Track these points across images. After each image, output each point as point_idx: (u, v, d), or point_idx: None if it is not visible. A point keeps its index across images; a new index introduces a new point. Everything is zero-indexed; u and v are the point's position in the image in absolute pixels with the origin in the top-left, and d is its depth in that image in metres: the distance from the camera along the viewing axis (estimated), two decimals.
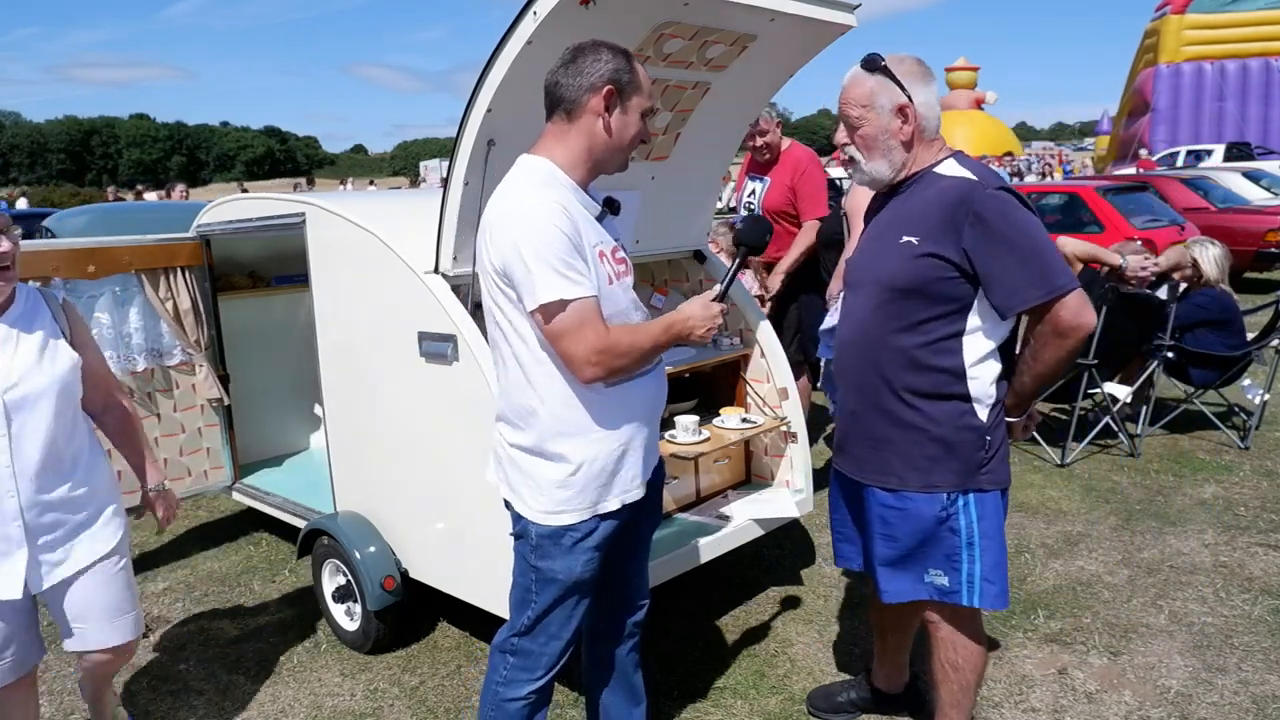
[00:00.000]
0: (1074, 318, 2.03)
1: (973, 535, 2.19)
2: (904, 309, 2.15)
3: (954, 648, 2.32)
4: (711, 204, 3.82)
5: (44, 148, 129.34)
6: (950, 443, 2.15)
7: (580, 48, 2.00)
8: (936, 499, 2.17)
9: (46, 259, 3.80)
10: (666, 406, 3.53)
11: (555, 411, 2.00)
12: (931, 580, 2.23)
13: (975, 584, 2.20)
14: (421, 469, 3.12)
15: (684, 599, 3.64)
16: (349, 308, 3.36)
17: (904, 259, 2.13)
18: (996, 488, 2.21)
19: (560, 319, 1.89)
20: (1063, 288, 2.02)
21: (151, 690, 3.25)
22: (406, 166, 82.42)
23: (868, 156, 2.20)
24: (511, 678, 2.15)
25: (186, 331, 4.17)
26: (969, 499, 2.18)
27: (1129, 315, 5.08)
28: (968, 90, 33.51)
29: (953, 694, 2.35)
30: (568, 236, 1.89)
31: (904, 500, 2.21)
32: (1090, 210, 9.68)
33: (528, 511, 2.06)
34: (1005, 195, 2.07)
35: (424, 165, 33.92)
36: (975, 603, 2.22)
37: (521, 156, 2.05)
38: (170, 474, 4.23)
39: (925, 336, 2.14)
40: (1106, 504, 4.54)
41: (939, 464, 2.16)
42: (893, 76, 2.15)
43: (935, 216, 2.10)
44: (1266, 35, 22.31)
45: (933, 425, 2.15)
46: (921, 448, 2.17)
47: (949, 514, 2.18)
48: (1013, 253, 2.03)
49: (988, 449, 2.17)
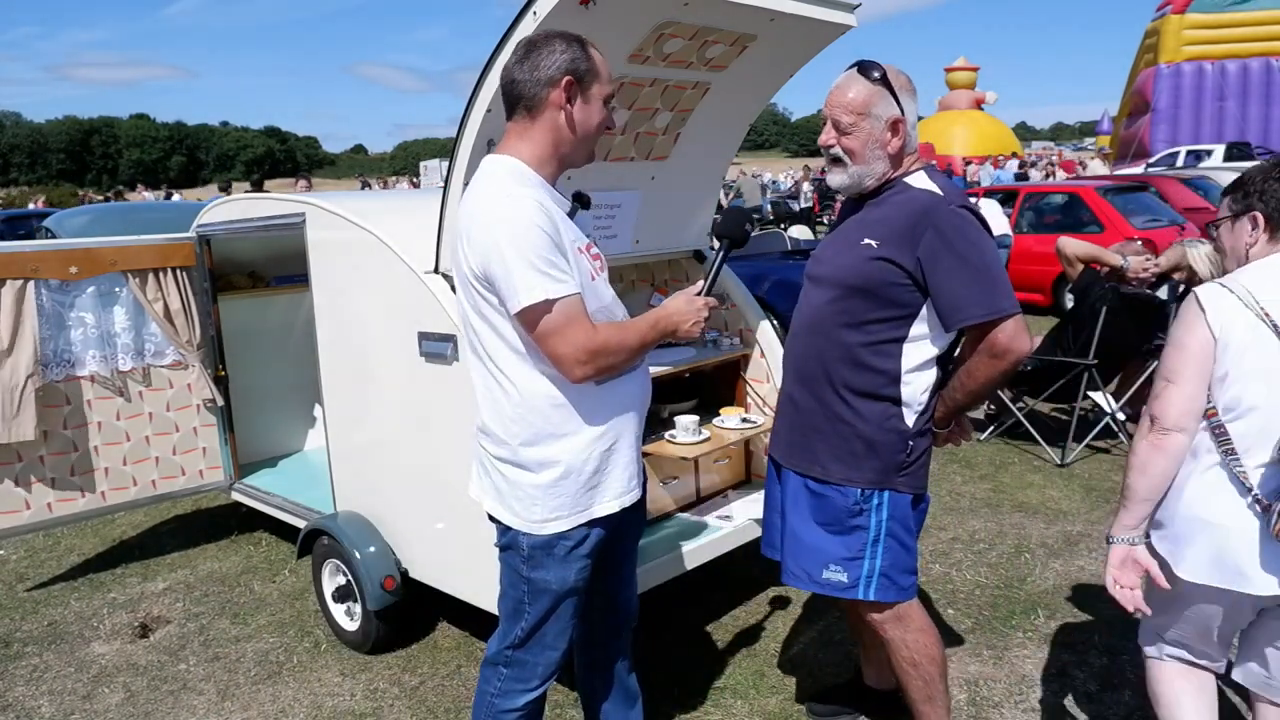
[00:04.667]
0: (1009, 341, 2.09)
1: (880, 533, 2.25)
2: (853, 306, 2.21)
3: (905, 645, 2.35)
4: (712, 204, 3.82)
5: (44, 148, 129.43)
6: (874, 441, 2.22)
7: (533, 41, 1.96)
8: (852, 492, 2.25)
9: (25, 260, 3.81)
10: (666, 406, 3.57)
11: (541, 415, 1.96)
12: (828, 578, 2.29)
13: (874, 579, 2.27)
14: (421, 469, 3.12)
15: (684, 599, 3.64)
16: (349, 308, 3.36)
17: (860, 259, 2.18)
18: (911, 492, 2.28)
19: (547, 319, 1.85)
20: (1004, 310, 2.07)
21: (151, 690, 3.25)
22: (407, 166, 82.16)
23: (852, 161, 2.21)
24: (506, 689, 2.12)
25: (178, 331, 4.18)
26: (883, 496, 2.24)
27: (1129, 315, 5.08)
28: (968, 90, 33.49)
29: (920, 690, 2.38)
30: (548, 234, 1.85)
31: (823, 489, 2.28)
32: (1090, 210, 9.67)
33: (518, 522, 2.01)
34: (965, 214, 2.13)
35: (424, 165, 33.92)
36: (871, 596, 2.28)
37: (487, 157, 2.01)
38: (163, 472, 4.25)
39: (868, 336, 2.20)
40: (1106, 504, 4.54)
41: (861, 460, 2.24)
42: (891, 89, 2.17)
43: (897, 224, 2.16)
44: (1267, 35, 22.28)
45: (860, 422, 2.23)
46: (848, 442, 2.24)
47: (861, 509, 2.25)
48: (963, 269, 2.08)
49: (909, 453, 2.24)
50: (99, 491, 4.08)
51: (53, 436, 3.94)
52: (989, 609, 3.50)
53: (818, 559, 2.30)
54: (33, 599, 4.10)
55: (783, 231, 9.75)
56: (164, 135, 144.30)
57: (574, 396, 1.96)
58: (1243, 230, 2.03)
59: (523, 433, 1.98)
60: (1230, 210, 2.07)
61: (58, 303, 3.93)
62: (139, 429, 4.18)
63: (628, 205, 3.36)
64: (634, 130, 3.17)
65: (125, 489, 4.17)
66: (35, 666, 3.47)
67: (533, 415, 1.96)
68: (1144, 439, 1.98)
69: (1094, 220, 9.56)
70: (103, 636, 3.69)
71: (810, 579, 2.32)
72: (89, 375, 4.03)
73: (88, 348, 4.03)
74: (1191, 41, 22.93)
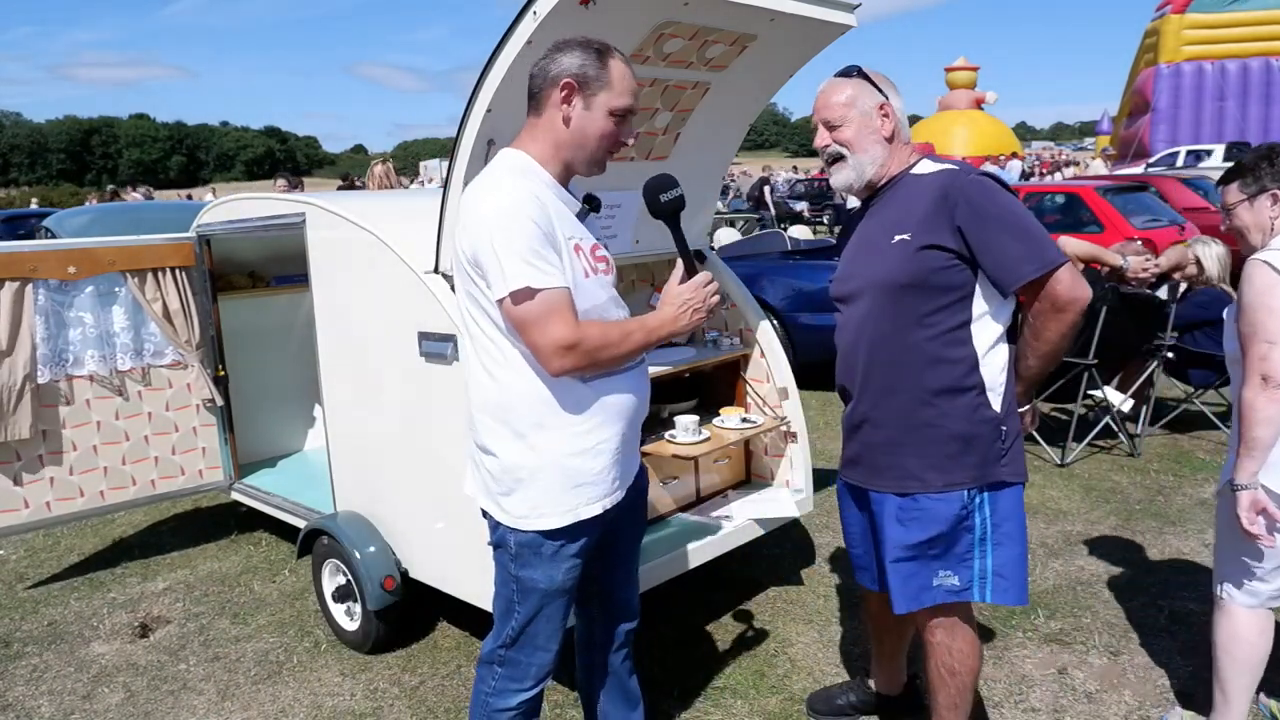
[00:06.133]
0: (1069, 291, 2.05)
1: (986, 531, 2.18)
2: (907, 307, 2.14)
3: (950, 653, 2.29)
4: (712, 204, 3.82)
5: (44, 148, 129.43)
6: (968, 436, 2.14)
7: (560, 43, 1.98)
8: (956, 497, 2.16)
9: (24, 260, 3.81)
10: (666, 406, 3.57)
11: (525, 406, 1.95)
12: (941, 583, 2.20)
13: (988, 579, 2.19)
14: (421, 469, 3.12)
15: (684, 599, 3.63)
16: (349, 308, 3.36)
17: (902, 256, 2.12)
18: (1016, 480, 2.20)
19: (528, 307, 1.84)
20: (1055, 261, 2.04)
21: (151, 690, 3.25)
22: (407, 166, 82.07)
23: (851, 152, 2.23)
24: (501, 688, 2.11)
25: (177, 331, 4.18)
26: (984, 496, 2.17)
27: (1129, 315, 5.08)
28: (968, 90, 33.44)
29: (950, 698, 2.34)
30: (538, 226, 1.85)
31: (920, 503, 2.18)
32: (1090, 210, 9.66)
33: (505, 518, 2.01)
34: (987, 179, 2.12)
35: (424, 165, 33.90)
36: (988, 599, 2.19)
37: (500, 150, 2.04)
38: (162, 472, 4.26)
39: (935, 329, 2.13)
40: (1106, 504, 4.54)
41: (957, 460, 2.14)
42: (870, 80, 2.23)
43: (923, 209, 2.11)
44: (1266, 35, 22.27)
45: (949, 421, 2.14)
46: (940, 445, 2.15)
47: (968, 511, 2.16)
48: (1005, 231, 2.05)
49: (1004, 439, 2.16)
50: (98, 491, 4.08)
51: (51, 436, 3.94)
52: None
53: (928, 573, 2.20)
54: (33, 599, 4.10)
55: (783, 232, 9.73)
56: (164, 135, 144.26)
57: (559, 392, 1.95)
58: (1263, 207, 2.38)
59: (507, 425, 1.97)
60: (1243, 193, 2.40)
61: (57, 302, 3.93)
62: (138, 429, 4.18)
63: (628, 205, 3.36)
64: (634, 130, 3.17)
65: (124, 489, 4.17)
66: (35, 666, 3.47)
67: (517, 407, 1.96)
68: (1261, 395, 2.22)
69: (1094, 220, 9.54)
70: (103, 636, 3.69)
71: (924, 596, 2.21)
72: (88, 375, 4.03)
73: (86, 347, 4.03)
74: (1191, 41, 22.92)
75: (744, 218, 18.14)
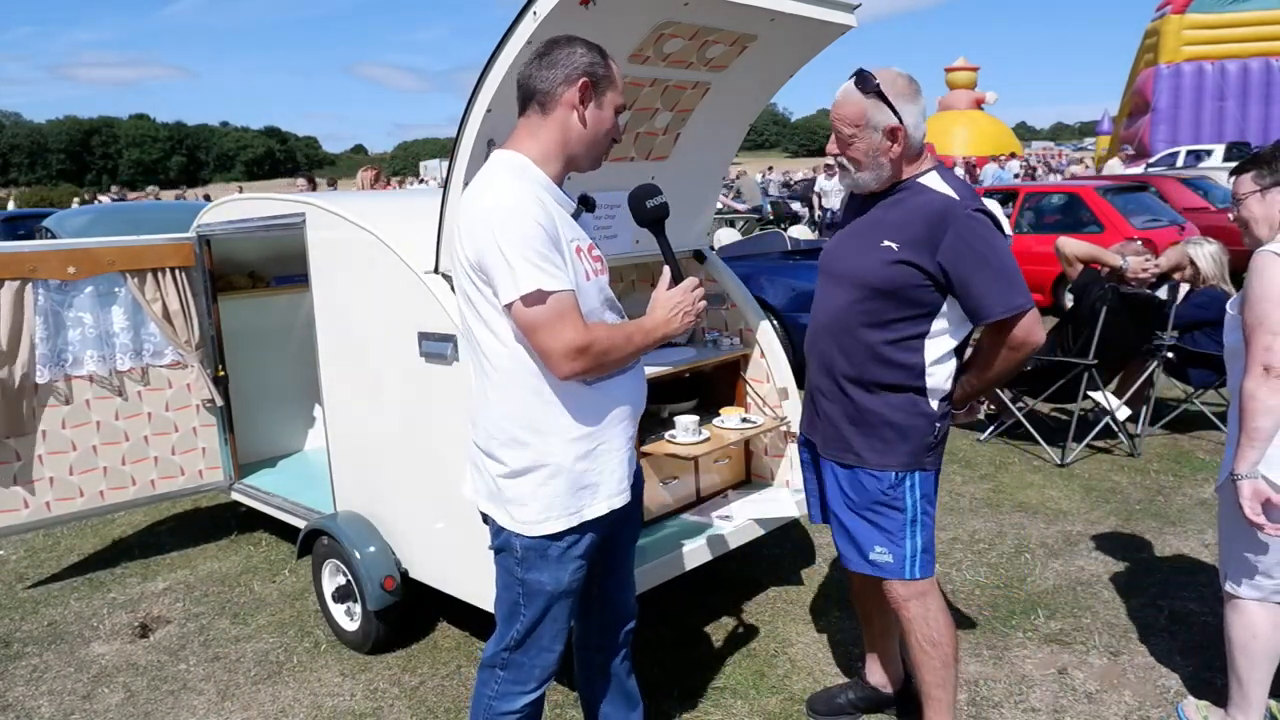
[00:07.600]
0: (1025, 335, 2.23)
1: (916, 513, 2.37)
2: (877, 307, 2.30)
3: (927, 623, 2.42)
4: (712, 204, 3.82)
5: (44, 148, 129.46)
6: (904, 428, 2.34)
7: (554, 41, 1.98)
8: (886, 476, 2.36)
9: (24, 260, 3.81)
10: (666, 406, 3.57)
11: (530, 412, 1.95)
12: (875, 559, 2.41)
13: (916, 558, 2.39)
14: (421, 469, 3.12)
15: (684, 599, 3.63)
16: (349, 308, 3.36)
17: (881, 262, 2.27)
18: (935, 470, 2.43)
19: (538, 311, 1.84)
20: (1021, 307, 2.21)
21: (151, 690, 3.25)
22: (407, 166, 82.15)
23: (856, 169, 2.33)
24: (504, 691, 2.11)
25: (177, 332, 4.18)
26: (915, 477, 2.37)
27: (1129, 315, 5.08)
28: (968, 90, 33.49)
29: (936, 672, 2.44)
30: (544, 229, 1.85)
31: (858, 475, 2.40)
32: (1090, 210, 9.67)
33: (511, 523, 2.00)
34: (981, 217, 2.24)
35: (424, 165, 33.90)
36: (916, 575, 2.39)
37: (495, 152, 2.02)
38: (162, 472, 4.26)
39: (892, 334, 2.30)
40: (1106, 504, 4.54)
41: (893, 446, 2.35)
42: (885, 99, 2.23)
43: (916, 228, 2.24)
44: (1266, 35, 22.25)
45: (890, 412, 2.34)
46: (879, 431, 2.35)
47: (898, 491, 2.36)
48: (984, 270, 2.20)
49: (936, 434, 2.37)
50: (98, 491, 4.08)
51: (51, 436, 3.94)
52: (989, 609, 3.50)
53: (864, 541, 2.42)
54: (33, 599, 4.10)
55: (783, 231, 9.73)
56: (164, 135, 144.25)
57: (563, 395, 1.96)
58: (1275, 201, 2.38)
59: (511, 429, 1.97)
60: (1257, 184, 2.41)
61: (56, 303, 3.93)
62: (138, 429, 4.18)
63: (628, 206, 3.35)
64: (634, 130, 3.17)
65: (124, 489, 4.17)
66: (35, 666, 3.47)
67: (522, 412, 1.96)
68: (1263, 386, 2.24)
69: (1094, 220, 9.55)
70: (103, 636, 3.69)
71: (861, 558, 2.43)
72: (88, 375, 4.03)
73: (86, 347, 4.03)
74: (1191, 41, 22.90)
75: (744, 218, 18.13)
